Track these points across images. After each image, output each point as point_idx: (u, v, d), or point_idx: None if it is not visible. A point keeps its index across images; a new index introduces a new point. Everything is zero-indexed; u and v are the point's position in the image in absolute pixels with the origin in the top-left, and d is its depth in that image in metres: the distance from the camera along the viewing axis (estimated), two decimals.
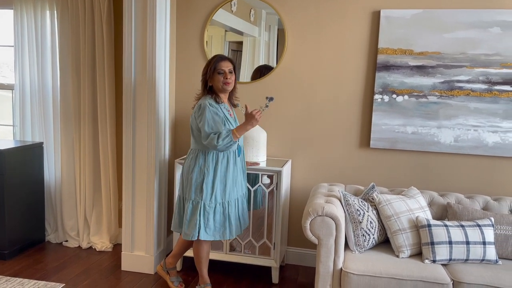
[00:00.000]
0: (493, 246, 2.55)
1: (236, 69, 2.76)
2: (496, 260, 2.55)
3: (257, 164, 3.12)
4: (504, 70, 2.98)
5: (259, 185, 3.13)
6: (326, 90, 3.30)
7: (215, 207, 2.69)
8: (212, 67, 2.68)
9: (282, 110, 3.39)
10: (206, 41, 3.47)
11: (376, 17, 3.15)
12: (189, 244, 2.97)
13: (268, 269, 3.23)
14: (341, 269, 2.48)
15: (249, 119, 2.65)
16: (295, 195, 3.44)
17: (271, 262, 3.13)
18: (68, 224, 3.68)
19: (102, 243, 3.62)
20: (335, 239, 2.49)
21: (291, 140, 3.41)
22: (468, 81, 3.04)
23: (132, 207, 3.20)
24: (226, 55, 2.75)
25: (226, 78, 2.66)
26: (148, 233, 3.20)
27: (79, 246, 3.67)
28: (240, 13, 3.41)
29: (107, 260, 3.44)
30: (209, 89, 2.72)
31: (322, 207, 2.50)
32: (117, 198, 3.64)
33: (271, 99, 3.19)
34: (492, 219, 2.63)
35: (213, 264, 3.31)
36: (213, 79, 2.69)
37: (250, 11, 3.41)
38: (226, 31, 3.50)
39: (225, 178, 2.71)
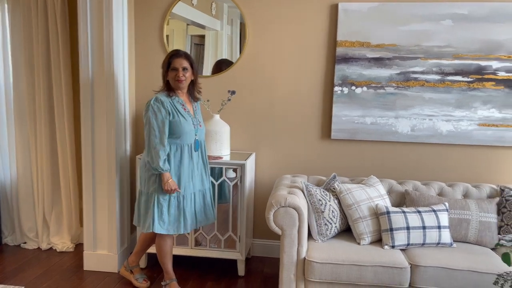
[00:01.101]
0: (448, 229, 2.68)
1: (194, 64, 2.74)
2: (451, 243, 2.68)
3: (220, 158, 3.13)
4: (456, 61, 3.12)
5: (223, 179, 3.14)
6: (287, 83, 3.35)
7: (169, 201, 2.69)
8: (166, 63, 2.68)
9: (244, 104, 3.41)
10: (167, 35, 3.43)
11: (334, 10, 3.22)
12: (150, 241, 2.96)
13: (234, 262, 3.26)
14: (305, 258, 2.54)
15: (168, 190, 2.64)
16: (259, 188, 3.48)
17: (237, 255, 3.16)
18: (26, 225, 3.57)
19: (63, 243, 3.53)
20: (298, 229, 2.54)
21: (255, 133, 3.44)
22: (422, 72, 3.16)
23: (93, 205, 3.14)
24: (184, 51, 2.74)
25: (178, 76, 2.66)
26: (111, 231, 3.15)
27: (39, 247, 3.56)
28: (201, 6, 3.40)
29: (68, 261, 3.36)
30: (167, 84, 2.73)
31: (285, 198, 2.54)
32: (77, 197, 3.56)
33: (233, 92, 3.23)
34: (447, 204, 2.76)
35: (178, 259, 3.30)
36: (168, 75, 2.70)
37: (212, 4, 3.40)
38: (187, 24, 3.47)
39: (179, 172, 2.70)
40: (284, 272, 2.56)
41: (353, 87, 3.24)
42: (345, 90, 3.25)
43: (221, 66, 3.43)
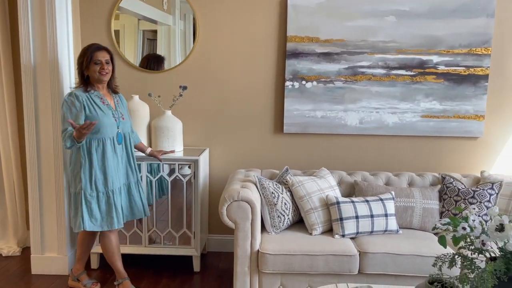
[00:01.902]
0: (394, 217, 2.81)
1: (114, 58, 2.72)
2: (397, 230, 2.81)
3: (172, 152, 3.10)
4: (400, 56, 3.26)
5: (177, 175, 3.13)
6: (239, 78, 3.37)
7: (97, 196, 2.65)
8: (88, 57, 2.61)
9: (197, 99, 3.41)
10: (117, 30, 3.35)
11: (283, 6, 3.27)
12: (89, 244, 2.92)
13: (189, 259, 3.26)
14: (258, 250, 2.58)
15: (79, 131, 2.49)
16: (214, 183, 3.50)
17: (192, 251, 3.17)
18: None
19: (8, 247, 3.39)
20: (251, 222, 2.59)
21: (208, 129, 3.44)
22: (369, 67, 3.28)
23: (40, 206, 3.04)
24: (103, 45, 2.71)
25: (103, 69, 2.63)
26: (60, 233, 3.06)
27: None
28: (152, 1, 3.35)
29: (15, 265, 3.24)
30: (86, 79, 2.66)
31: (238, 192, 2.58)
32: (23, 199, 3.43)
33: (184, 88, 3.22)
34: (393, 192, 2.90)
35: (132, 258, 3.26)
36: (89, 69, 2.63)
37: None
38: (139, 19, 3.41)
39: (104, 167, 2.65)
40: (238, 265, 2.60)
41: (304, 82, 3.31)
42: (296, 84, 3.32)
43: (149, 60, 3.39)
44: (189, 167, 3.14)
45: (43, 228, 3.07)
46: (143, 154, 3.04)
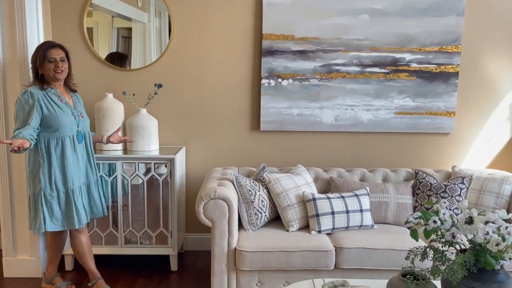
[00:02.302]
0: (369, 212, 2.86)
1: (69, 55, 2.65)
2: (372, 225, 2.86)
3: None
4: (374, 54, 3.31)
5: (152, 174, 3.10)
6: (215, 76, 3.36)
7: (58, 196, 2.60)
8: (41, 55, 2.54)
9: (172, 97, 3.38)
10: (87, 28, 3.29)
11: (259, 3, 3.27)
12: (59, 245, 2.86)
13: (166, 258, 3.23)
14: (235, 248, 2.59)
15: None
16: (191, 182, 3.48)
17: (169, 250, 3.15)
18: None
19: None
20: (228, 220, 2.59)
21: (184, 127, 3.42)
22: (344, 64, 3.32)
23: (11, 208, 2.96)
24: (57, 43, 2.64)
25: (58, 67, 2.56)
26: (32, 235, 2.98)
27: None
28: None
29: None
30: (41, 77, 2.59)
31: (214, 190, 2.57)
32: None
33: (159, 86, 3.19)
34: (368, 188, 2.95)
35: (108, 259, 3.22)
36: (43, 67, 2.56)
37: None
38: (113, 17, 3.36)
39: (64, 166, 2.60)
40: (215, 263, 2.60)
41: (280, 80, 3.33)
42: (272, 82, 3.33)
43: (113, 58, 3.35)
44: (166, 166, 3.12)
45: (15, 231, 3.00)
46: (117, 154, 2.99)
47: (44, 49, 2.55)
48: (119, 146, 3.17)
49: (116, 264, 3.23)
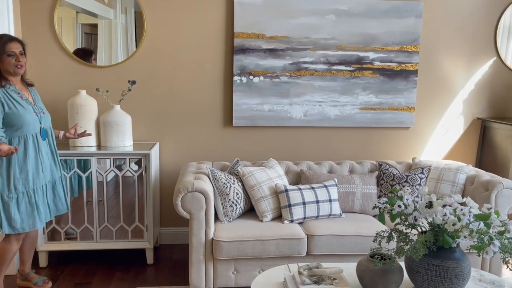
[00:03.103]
0: (337, 202, 3.04)
1: (26, 50, 2.58)
2: (340, 213, 3.03)
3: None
4: (340, 52, 3.49)
5: (128, 170, 3.15)
6: (188, 73, 3.44)
7: (17, 198, 2.51)
8: (1, 48, 2.45)
9: (146, 93, 3.43)
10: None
11: (230, 3, 3.37)
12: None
13: (142, 252, 3.29)
14: (212, 238, 2.69)
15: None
16: (164, 177, 3.54)
17: (145, 243, 3.20)
18: None
19: None
20: (205, 212, 2.68)
21: (157, 123, 3.47)
22: (312, 62, 3.48)
23: None
24: (15, 36, 2.58)
25: (19, 61, 2.49)
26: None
27: None
28: None
29: None
30: None
31: (192, 184, 2.66)
32: None
33: (133, 82, 3.23)
34: (336, 179, 3.12)
35: (82, 254, 3.25)
36: (2, 62, 2.47)
37: None
38: (77, 12, 3.35)
39: (26, 166, 2.51)
40: (193, 254, 2.69)
41: (251, 77, 3.44)
42: (244, 79, 3.44)
43: (78, 54, 3.35)
44: (135, 163, 3.16)
45: None
46: (92, 150, 3.02)
47: (3, 42, 2.46)
48: (93, 142, 3.19)
49: (91, 259, 3.25)
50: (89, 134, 2.96)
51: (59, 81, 3.31)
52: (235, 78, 3.43)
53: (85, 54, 3.37)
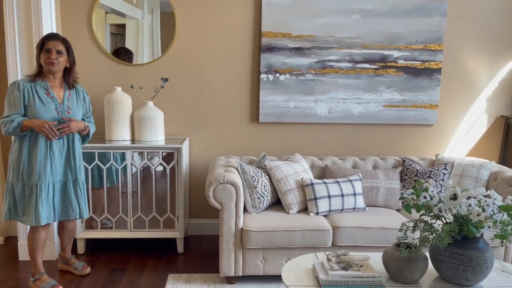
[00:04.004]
0: (362, 196, 3.12)
1: (71, 50, 2.65)
2: (364, 207, 3.12)
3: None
4: (364, 51, 3.56)
5: (145, 163, 3.28)
6: (217, 70, 3.56)
7: (22, 188, 2.59)
8: (39, 44, 2.57)
9: (177, 91, 3.57)
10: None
11: (258, 3, 3.48)
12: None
13: (172, 241, 3.43)
14: (242, 228, 2.81)
15: (40, 126, 2.51)
16: (193, 171, 3.68)
17: (176, 233, 3.34)
18: None
19: None
20: (235, 203, 2.80)
21: (188, 119, 3.61)
22: (337, 61, 3.56)
23: None
24: (62, 36, 2.66)
25: (50, 58, 2.55)
26: None
27: None
28: None
29: (0, 253, 3.29)
30: (40, 67, 2.62)
31: (223, 176, 2.78)
32: (3, 189, 3.46)
33: (165, 80, 3.37)
34: (360, 174, 3.20)
35: (117, 242, 3.41)
36: (40, 57, 2.59)
37: None
38: (106, 12, 3.49)
39: (31, 159, 2.57)
40: (224, 243, 2.81)
41: (277, 75, 3.55)
42: (270, 77, 3.55)
43: (120, 53, 3.50)
44: (165, 157, 3.29)
45: None
46: (127, 144, 3.19)
47: (43, 38, 2.59)
48: (128, 137, 3.34)
49: (124, 248, 3.41)
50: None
51: (96, 78, 3.47)
52: (262, 76, 3.54)
53: (128, 53, 3.51)
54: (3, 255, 3.27)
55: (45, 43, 2.57)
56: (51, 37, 2.61)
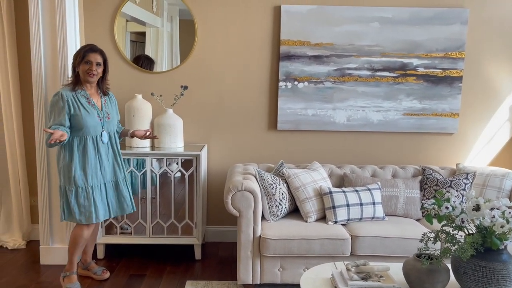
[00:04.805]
0: (381, 205, 3.09)
1: (107, 61, 2.80)
2: (383, 216, 3.09)
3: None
4: (384, 59, 3.54)
5: (164, 169, 3.32)
6: (236, 78, 3.59)
7: (76, 191, 2.72)
8: (81, 56, 2.69)
9: (196, 98, 3.61)
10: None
11: (277, 12, 3.51)
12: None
13: (190, 248, 3.45)
14: (260, 236, 2.81)
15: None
16: (211, 178, 3.70)
17: (194, 240, 3.36)
18: None
19: (14, 241, 3.50)
20: (253, 210, 2.81)
21: (206, 126, 3.65)
22: (356, 69, 3.55)
23: (48, 202, 3.18)
24: (100, 48, 2.79)
25: (91, 70, 2.70)
26: (67, 225, 3.20)
27: None
28: (143, 3, 3.50)
29: (22, 257, 3.36)
30: (77, 76, 2.74)
31: (241, 183, 2.79)
32: (28, 194, 3.56)
33: (185, 87, 3.42)
34: (379, 183, 3.17)
35: (136, 248, 3.44)
36: (79, 67, 2.72)
37: (152, 1, 3.52)
38: (127, 21, 3.55)
39: (84, 164, 2.72)
40: (242, 250, 2.81)
41: (296, 82, 3.56)
42: (289, 85, 3.56)
43: (142, 60, 3.56)
44: (183, 164, 3.32)
45: (51, 222, 3.21)
46: (146, 151, 3.23)
47: (85, 50, 2.72)
48: (147, 143, 3.39)
49: (143, 254, 3.44)
50: (156, 137, 3.13)
51: (117, 85, 3.53)
52: (281, 83, 3.55)
53: (149, 61, 3.57)
54: (25, 259, 3.34)
55: (85, 56, 2.70)
56: (91, 49, 2.73)
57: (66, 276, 2.84)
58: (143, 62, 3.56)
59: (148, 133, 3.04)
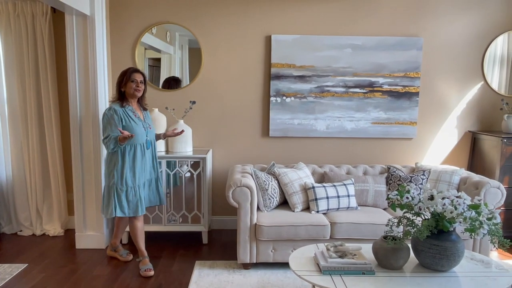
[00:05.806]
0: (354, 197, 3.12)
1: (146, 80, 2.86)
2: (356, 207, 3.11)
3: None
4: (355, 78, 3.59)
5: (177, 170, 3.33)
6: (235, 95, 3.63)
7: (126, 190, 2.74)
8: (128, 76, 2.76)
9: (202, 111, 3.63)
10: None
11: (268, 40, 3.55)
12: (124, 225, 3.05)
13: (199, 234, 3.46)
14: (256, 223, 2.83)
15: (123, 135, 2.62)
16: (215, 176, 3.72)
17: (201, 227, 3.37)
18: (22, 216, 3.49)
19: (54, 229, 3.50)
20: (250, 203, 2.83)
21: (211, 134, 3.67)
22: (333, 86, 3.60)
23: (82, 195, 3.19)
24: (139, 69, 2.86)
25: (138, 86, 2.77)
26: (98, 215, 3.21)
27: (33, 234, 3.50)
28: (159, 34, 3.55)
29: (61, 243, 3.36)
30: (122, 94, 2.79)
31: (240, 180, 2.82)
32: (65, 190, 3.56)
33: (193, 102, 3.44)
34: (353, 179, 3.21)
35: (154, 235, 3.45)
36: (126, 86, 2.77)
37: (166, 33, 3.57)
38: (145, 49, 3.59)
39: (134, 167, 2.76)
40: (241, 235, 2.83)
41: (284, 97, 3.60)
42: (279, 99, 3.59)
43: (169, 82, 3.58)
44: (192, 165, 3.34)
45: (85, 212, 3.22)
46: (162, 154, 3.23)
47: (130, 72, 2.78)
48: (163, 148, 3.41)
49: (159, 240, 3.45)
50: (182, 131, 3.02)
51: None
52: (272, 98, 3.59)
53: (176, 81, 3.59)
54: (63, 244, 3.34)
55: (131, 75, 2.76)
56: (136, 71, 2.80)
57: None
58: (172, 83, 3.58)
59: (176, 131, 3.05)
